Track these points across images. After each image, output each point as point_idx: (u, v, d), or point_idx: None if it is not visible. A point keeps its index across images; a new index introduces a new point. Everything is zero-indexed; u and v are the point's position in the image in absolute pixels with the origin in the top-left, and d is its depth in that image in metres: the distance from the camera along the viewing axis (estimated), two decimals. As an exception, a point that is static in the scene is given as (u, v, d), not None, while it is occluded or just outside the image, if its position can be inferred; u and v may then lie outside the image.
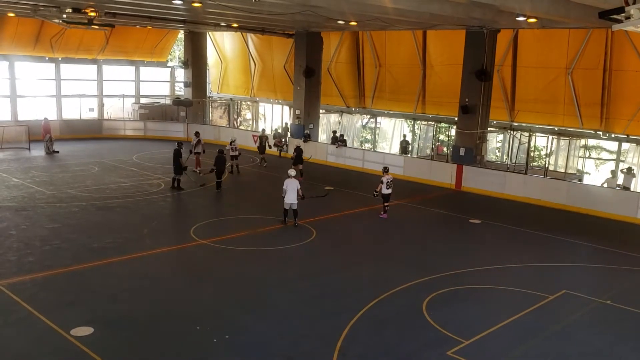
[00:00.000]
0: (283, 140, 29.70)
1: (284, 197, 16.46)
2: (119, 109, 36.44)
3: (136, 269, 12.75)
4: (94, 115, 35.40)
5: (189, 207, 18.48)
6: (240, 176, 23.74)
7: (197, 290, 11.78)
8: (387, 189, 17.81)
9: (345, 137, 29.70)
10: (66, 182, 21.13)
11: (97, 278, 12.06)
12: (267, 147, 27.52)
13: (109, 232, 15.27)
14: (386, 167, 18.36)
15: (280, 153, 28.82)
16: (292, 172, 16.96)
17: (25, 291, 11.16)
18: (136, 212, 17.74)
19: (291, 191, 16.31)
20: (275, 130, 33.67)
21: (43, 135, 27.67)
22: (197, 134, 24.41)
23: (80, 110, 34.63)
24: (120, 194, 19.65)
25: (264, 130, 30.63)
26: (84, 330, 9.57)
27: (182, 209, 18.41)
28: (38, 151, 27.43)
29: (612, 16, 10.87)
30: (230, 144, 24.01)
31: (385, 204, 18.03)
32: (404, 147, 29.00)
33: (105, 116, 35.80)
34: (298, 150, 23.90)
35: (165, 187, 20.70)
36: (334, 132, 30.21)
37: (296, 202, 16.41)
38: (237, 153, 24.01)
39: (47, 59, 32.73)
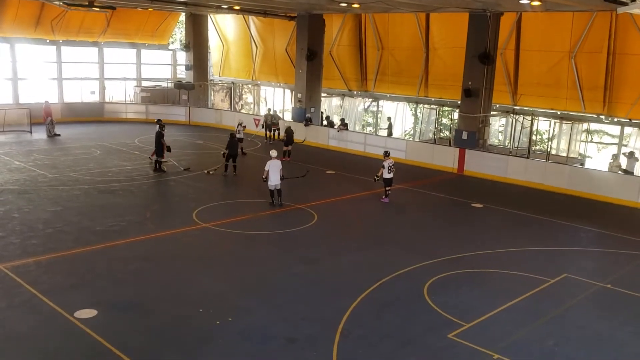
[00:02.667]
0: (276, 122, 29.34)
1: (264, 178, 16.69)
2: (115, 90, 36.32)
3: (139, 252, 12.80)
4: (95, 98, 35.32)
5: (191, 191, 18.49)
6: (245, 158, 23.81)
7: (199, 273, 11.84)
8: (389, 173, 17.79)
9: (347, 121, 29.68)
10: (68, 165, 21.15)
11: (101, 261, 12.12)
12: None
13: (112, 215, 15.32)
14: (387, 151, 18.32)
15: (273, 135, 28.47)
16: (273, 152, 17.10)
17: (29, 274, 11.23)
18: (138, 195, 17.79)
19: (274, 172, 16.54)
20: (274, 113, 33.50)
21: (44, 118, 27.65)
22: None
23: (81, 93, 34.56)
24: (122, 177, 19.68)
25: (274, 111, 30.77)
26: (88, 313, 9.64)
27: (185, 192, 18.42)
28: (40, 134, 27.42)
29: (617, -1, 10.81)
30: (238, 126, 24.21)
31: (387, 188, 18.03)
32: (389, 127, 29.35)
33: (107, 99, 35.73)
34: (289, 131, 24.35)
35: (168, 170, 20.72)
36: (327, 117, 30.18)
37: (279, 182, 16.65)
38: (242, 136, 24.20)
39: (47, 41, 32.55)
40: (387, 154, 18.12)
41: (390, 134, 29.29)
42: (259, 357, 8.61)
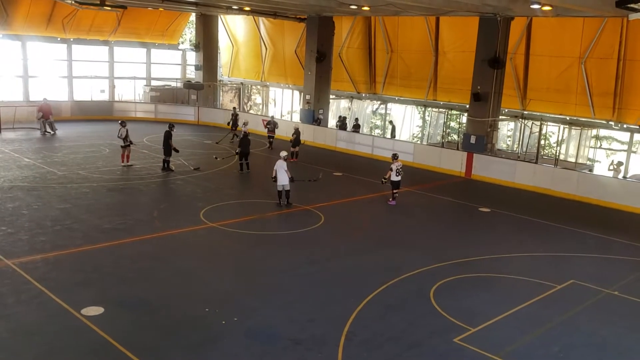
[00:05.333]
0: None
1: (273, 179, 16.78)
2: (124, 89, 36.46)
3: (146, 251, 12.85)
4: (105, 96, 35.51)
5: (199, 190, 18.54)
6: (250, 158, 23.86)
7: (206, 272, 11.88)
8: (397, 176, 17.79)
9: (359, 123, 29.83)
10: (77, 163, 21.27)
11: (108, 259, 12.17)
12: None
13: (120, 213, 15.40)
14: (395, 154, 18.32)
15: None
16: (283, 153, 17.16)
17: (37, 270, 11.30)
18: (146, 194, 17.87)
19: (282, 173, 16.64)
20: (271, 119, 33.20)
21: (36, 115, 27.60)
22: (122, 123, 21.29)
23: (91, 91, 34.75)
24: (130, 175, 19.77)
25: (271, 116, 30.70)
26: (95, 310, 9.69)
27: (192, 191, 18.47)
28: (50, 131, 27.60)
29: (629, 5, 10.77)
30: (243, 125, 24.36)
31: (395, 191, 18.03)
32: (392, 130, 29.41)
33: (117, 98, 35.91)
34: (297, 132, 24.48)
35: (176, 169, 20.79)
36: (340, 117, 30.25)
37: (288, 183, 16.73)
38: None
39: (58, 39, 32.76)
40: (395, 157, 18.12)
41: (392, 136, 29.31)
42: (264, 357, 8.62)
